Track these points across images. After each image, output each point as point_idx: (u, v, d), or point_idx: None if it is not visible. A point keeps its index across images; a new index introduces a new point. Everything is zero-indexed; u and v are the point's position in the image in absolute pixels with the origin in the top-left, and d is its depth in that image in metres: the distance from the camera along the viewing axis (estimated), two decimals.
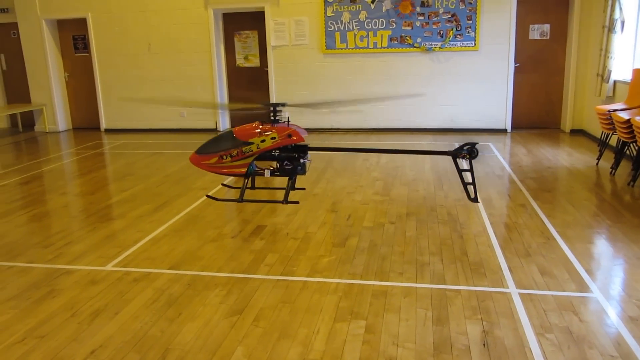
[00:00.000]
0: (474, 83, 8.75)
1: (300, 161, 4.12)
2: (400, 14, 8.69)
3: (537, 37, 8.69)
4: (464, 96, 8.83)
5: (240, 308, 3.16)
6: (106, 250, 4.15)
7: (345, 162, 6.90)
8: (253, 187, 4.41)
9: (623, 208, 4.78)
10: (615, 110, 5.96)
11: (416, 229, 4.40)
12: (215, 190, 5.71)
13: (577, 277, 3.45)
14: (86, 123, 10.53)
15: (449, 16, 8.55)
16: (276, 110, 4.11)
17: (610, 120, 6.05)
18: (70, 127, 10.61)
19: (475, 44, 8.56)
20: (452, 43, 8.63)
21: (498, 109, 8.79)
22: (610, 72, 7.17)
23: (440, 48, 8.67)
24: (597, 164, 6.42)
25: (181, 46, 9.51)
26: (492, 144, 7.83)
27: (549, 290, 3.28)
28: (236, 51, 9.69)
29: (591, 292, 3.24)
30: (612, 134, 6.32)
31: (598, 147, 7.04)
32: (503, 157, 6.95)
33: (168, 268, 3.77)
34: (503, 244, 4.03)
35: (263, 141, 4.00)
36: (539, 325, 2.88)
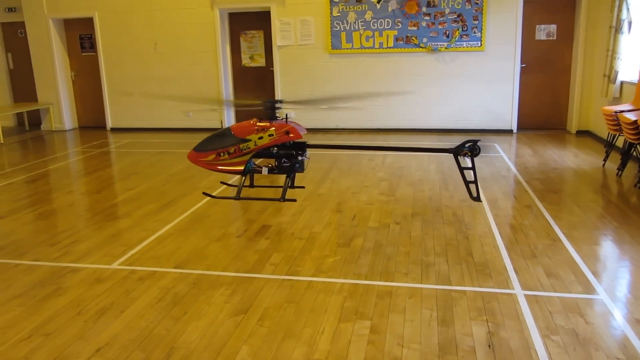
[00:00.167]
0: (480, 83, 8.72)
1: (298, 159, 4.07)
2: (406, 14, 8.68)
3: (544, 38, 8.66)
4: (470, 96, 8.81)
5: (245, 307, 3.17)
6: (112, 248, 4.16)
7: (350, 162, 6.89)
8: (252, 185, 4.38)
9: (629, 210, 4.76)
10: (622, 111, 5.93)
11: (421, 230, 4.39)
12: (220, 190, 5.72)
13: (583, 279, 3.43)
14: (92, 122, 10.57)
15: (455, 16, 8.54)
16: (274, 107, 4.07)
17: (616, 121, 6.02)
18: (76, 126, 10.65)
19: (481, 44, 8.54)
20: (458, 43, 8.61)
21: (504, 110, 8.77)
22: (617, 73, 7.14)
23: (446, 48, 8.66)
24: (604, 165, 6.39)
25: (187, 46, 9.53)
26: (498, 145, 7.81)
27: (555, 291, 3.27)
28: (242, 51, 9.70)
29: (597, 294, 3.23)
30: (619, 135, 6.29)
31: (604, 148, 7.01)
32: (509, 158, 6.93)
33: (173, 267, 3.78)
34: (509, 245, 4.02)
35: (260, 138, 3.97)
36: (545, 327, 2.87)
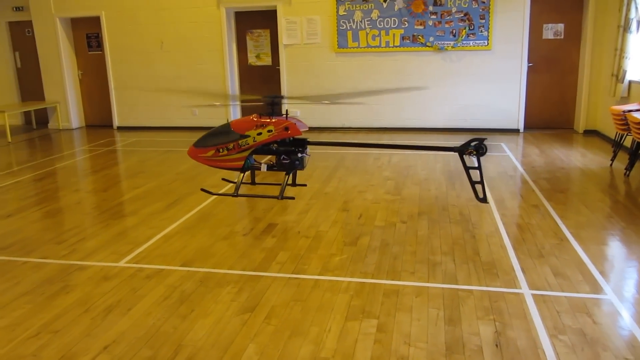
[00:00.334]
0: (487, 82, 8.70)
1: (298, 155, 4.03)
2: (412, 13, 8.66)
3: (551, 37, 8.62)
4: (477, 96, 8.78)
5: (252, 306, 3.17)
6: (119, 246, 4.18)
7: (356, 161, 6.89)
8: (253, 183, 4.35)
9: (637, 209, 4.73)
10: (630, 110, 5.90)
11: (428, 229, 4.38)
12: (227, 188, 5.72)
13: (591, 279, 3.42)
14: (99, 121, 10.61)
15: (462, 15, 8.51)
16: (274, 103, 4.03)
17: (624, 120, 5.99)
18: (83, 125, 10.70)
19: (488, 44, 8.51)
20: (465, 42, 8.59)
21: (511, 109, 8.74)
22: (625, 72, 7.10)
23: (452, 47, 8.64)
24: (611, 165, 6.36)
25: (193, 44, 9.55)
26: (505, 144, 7.78)
27: (562, 291, 3.26)
28: (248, 50, 9.71)
29: (605, 294, 3.21)
30: (627, 135, 6.26)
31: (612, 148, 6.97)
32: (515, 157, 6.90)
33: (180, 265, 3.79)
34: (516, 245, 4.00)
35: (260, 134, 3.92)
36: (552, 326, 2.86)
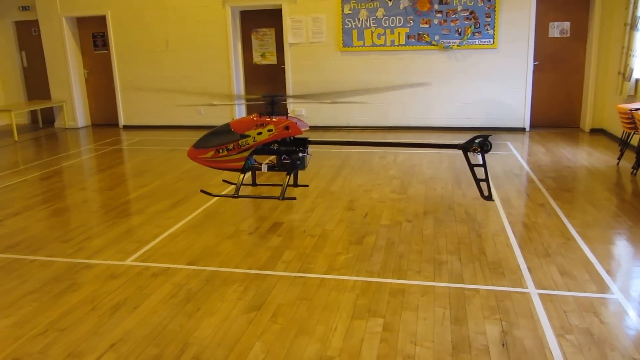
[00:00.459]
0: (493, 81, 8.67)
1: (299, 155, 3.97)
2: (418, 12, 8.64)
3: (557, 35, 8.59)
4: (482, 94, 8.76)
5: (258, 304, 3.17)
6: (125, 245, 4.19)
7: (362, 160, 6.88)
8: (254, 184, 4.28)
9: None
10: (637, 109, 5.87)
11: (434, 228, 4.37)
12: (227, 190, 5.73)
13: (598, 278, 3.40)
14: (105, 120, 10.65)
15: (468, 13, 8.49)
16: (274, 102, 3.98)
17: (631, 119, 5.96)
18: (89, 124, 10.73)
19: (493, 42, 8.48)
20: (471, 41, 8.56)
21: (516, 108, 8.71)
22: (632, 71, 7.06)
23: (458, 46, 8.61)
24: (618, 164, 6.32)
25: (199, 43, 9.56)
26: (511, 143, 7.76)
27: (569, 291, 3.25)
28: (253, 48, 9.72)
29: (612, 294, 3.20)
30: (634, 134, 6.22)
31: (619, 147, 6.93)
32: (521, 156, 6.88)
33: (186, 263, 3.80)
34: (522, 244, 3.99)
35: (260, 134, 3.86)
36: (559, 326, 2.85)
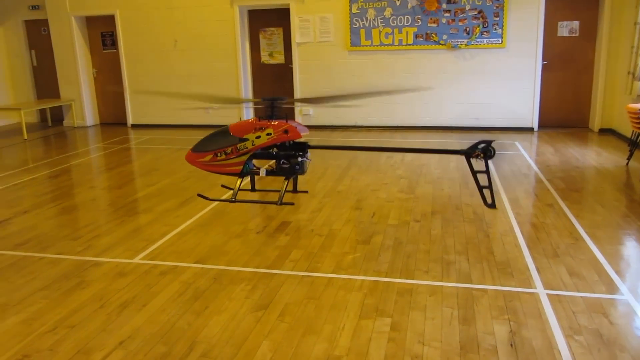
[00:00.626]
0: (501, 81, 8.63)
1: (298, 160, 3.90)
2: (426, 11, 8.62)
3: (566, 34, 8.54)
4: (490, 94, 8.73)
5: (265, 303, 3.18)
6: (133, 243, 4.21)
7: (369, 160, 6.88)
8: (253, 189, 4.20)
9: None
10: None
11: (442, 228, 4.36)
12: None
13: (607, 279, 3.38)
14: (113, 118, 10.70)
15: (476, 13, 8.45)
16: (274, 105, 3.92)
17: None
18: (97, 122, 10.79)
19: (502, 41, 8.45)
20: (479, 40, 8.53)
21: (525, 107, 8.67)
22: None
23: (466, 45, 8.58)
24: (627, 164, 6.28)
25: (207, 43, 9.59)
26: (519, 143, 7.72)
27: (578, 291, 3.23)
28: (261, 48, 9.73)
29: (621, 294, 3.18)
30: None
31: (628, 147, 6.89)
32: (530, 156, 6.85)
33: (194, 262, 3.81)
34: (530, 244, 3.98)
35: (258, 137, 3.79)
36: (568, 327, 2.84)
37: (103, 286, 3.47)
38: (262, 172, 3.96)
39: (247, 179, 4.81)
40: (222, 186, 4.58)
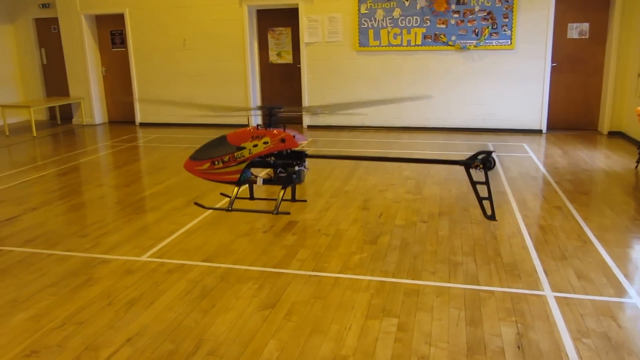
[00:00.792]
0: (509, 82, 8.60)
1: (295, 169, 3.89)
2: (434, 12, 8.60)
3: (576, 36, 8.50)
4: (499, 96, 8.70)
5: (272, 302, 3.19)
6: (141, 241, 4.23)
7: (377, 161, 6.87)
8: (252, 198, 4.18)
9: None
10: None
11: (449, 229, 4.35)
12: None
13: (616, 282, 3.37)
14: (121, 117, 10.75)
15: (485, 14, 8.43)
16: (272, 113, 3.89)
17: None
18: (106, 121, 10.84)
19: (511, 43, 8.42)
20: (488, 41, 8.51)
21: (533, 109, 8.63)
22: None
23: (475, 46, 8.56)
24: (637, 167, 6.24)
25: (215, 42, 9.61)
26: (527, 145, 7.69)
27: (586, 294, 3.21)
28: (269, 47, 9.75)
29: (630, 298, 3.16)
30: None
31: (637, 150, 6.84)
32: (538, 158, 6.82)
33: (201, 260, 3.82)
34: (538, 246, 3.96)
35: (255, 146, 3.79)
36: (576, 329, 2.83)
37: (111, 283, 3.49)
38: (259, 181, 3.96)
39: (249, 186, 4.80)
40: (222, 194, 4.58)
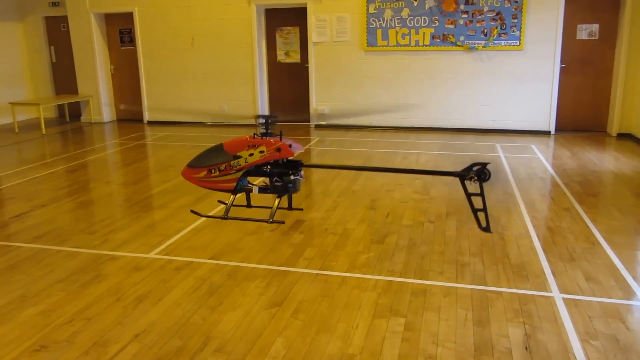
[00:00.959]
0: (518, 83, 8.57)
1: (291, 178, 3.90)
2: (443, 12, 8.58)
3: (585, 37, 8.45)
4: (507, 96, 8.66)
5: (279, 300, 3.19)
6: (149, 238, 4.25)
7: (384, 160, 6.87)
8: (249, 206, 4.18)
9: None
10: None
11: (456, 229, 4.35)
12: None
13: (624, 284, 3.35)
14: (130, 115, 10.79)
15: (494, 14, 8.40)
16: (268, 123, 3.91)
17: None
18: (114, 119, 10.89)
19: (520, 44, 8.38)
20: (496, 42, 8.47)
21: (542, 111, 8.59)
22: None
23: (483, 47, 8.53)
24: None
25: (224, 41, 9.64)
26: (535, 146, 7.66)
27: (595, 296, 3.20)
28: (277, 47, 9.76)
29: (638, 300, 3.15)
30: None
31: None
32: (546, 159, 6.79)
33: (209, 258, 3.83)
34: (546, 248, 3.95)
35: (251, 155, 3.81)
36: (584, 331, 2.81)
37: (119, 280, 3.51)
38: (255, 190, 3.98)
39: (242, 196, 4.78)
40: (219, 202, 4.59)
